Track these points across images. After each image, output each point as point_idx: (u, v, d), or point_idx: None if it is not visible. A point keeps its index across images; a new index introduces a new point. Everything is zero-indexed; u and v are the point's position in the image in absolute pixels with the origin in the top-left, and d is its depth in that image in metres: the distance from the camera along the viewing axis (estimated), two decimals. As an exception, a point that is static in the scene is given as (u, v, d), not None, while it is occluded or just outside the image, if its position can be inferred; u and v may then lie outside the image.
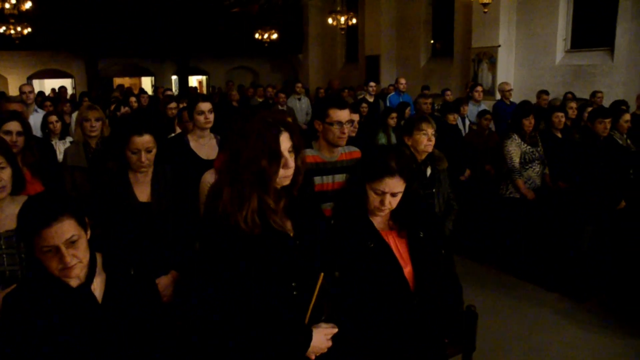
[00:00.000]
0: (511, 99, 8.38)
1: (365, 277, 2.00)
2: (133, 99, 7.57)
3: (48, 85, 16.12)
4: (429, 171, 3.53)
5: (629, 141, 5.31)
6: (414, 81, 11.86)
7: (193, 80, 19.50)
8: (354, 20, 12.85)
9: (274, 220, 1.74)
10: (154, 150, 2.76)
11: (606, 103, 7.12)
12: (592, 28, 9.54)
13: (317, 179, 3.03)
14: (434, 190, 3.51)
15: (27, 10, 10.13)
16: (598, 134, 4.89)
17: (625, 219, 4.79)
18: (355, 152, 3.17)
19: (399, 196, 2.03)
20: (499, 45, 10.38)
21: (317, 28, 16.54)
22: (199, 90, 17.91)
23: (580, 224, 4.82)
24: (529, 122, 5.07)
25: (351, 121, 3.28)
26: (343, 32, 13.67)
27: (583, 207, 4.79)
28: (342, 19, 12.53)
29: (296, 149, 1.75)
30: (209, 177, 2.87)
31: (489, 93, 9.75)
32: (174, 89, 17.47)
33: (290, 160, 1.72)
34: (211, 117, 3.68)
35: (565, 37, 9.89)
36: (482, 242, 5.70)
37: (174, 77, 18.25)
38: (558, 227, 5.03)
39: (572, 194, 4.99)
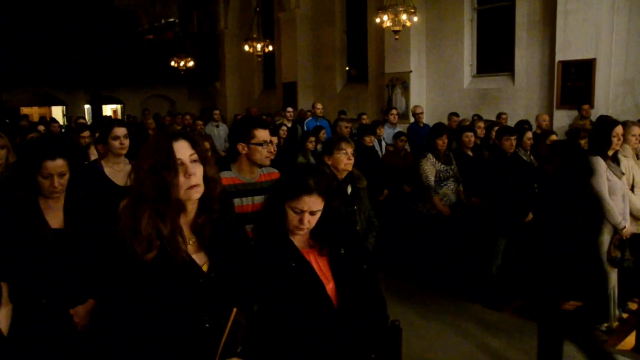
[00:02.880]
0: (424, 121, 8.75)
1: (287, 297, 1.95)
2: (42, 127, 7.06)
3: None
4: (349, 189, 3.58)
5: (532, 157, 5.65)
6: (330, 106, 12.11)
7: (107, 109, 18.78)
8: (270, 48, 12.94)
9: (177, 245, 1.65)
10: (67, 175, 2.65)
11: (510, 123, 7.58)
12: (495, 55, 10.23)
13: (237, 201, 2.99)
14: (355, 207, 3.56)
15: None
16: (505, 150, 5.17)
17: (534, 230, 5.06)
18: (274, 173, 3.16)
19: (318, 214, 2.01)
20: (411, 71, 10.83)
21: (233, 56, 16.52)
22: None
23: (493, 237, 5.04)
24: (442, 142, 5.29)
25: (271, 142, 3.30)
26: (260, 60, 13.73)
27: (495, 221, 5.01)
28: (259, 47, 12.58)
29: (203, 159, 1.69)
30: None
31: (403, 116, 10.11)
32: (87, 118, 16.73)
33: (192, 168, 1.64)
34: (126, 142, 3.55)
35: (472, 63, 10.50)
36: (402, 259, 5.81)
37: (87, 106, 17.50)
38: (474, 241, 5.23)
39: (485, 209, 5.22)
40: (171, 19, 16.42)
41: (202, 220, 1.72)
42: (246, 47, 12.76)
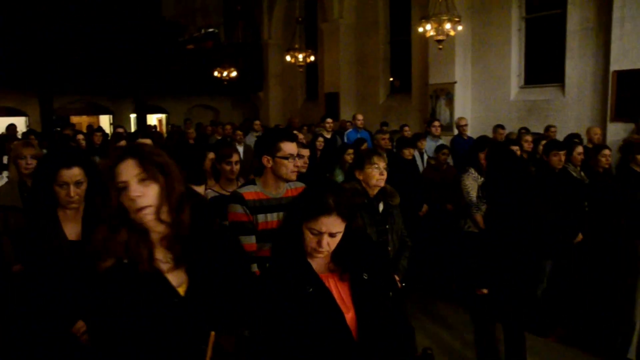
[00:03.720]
0: (468, 134, 8.44)
1: (302, 326, 1.79)
2: (81, 136, 7.06)
3: (2, 123, 15.54)
4: (381, 207, 3.37)
5: (582, 174, 5.31)
6: (373, 117, 11.90)
7: (153, 119, 19.19)
8: (312, 58, 12.89)
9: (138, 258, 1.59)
10: (85, 185, 2.58)
11: (559, 137, 7.21)
12: (544, 65, 9.83)
13: (261, 217, 2.86)
14: (387, 226, 3.34)
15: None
16: (553, 166, 4.87)
17: (583, 252, 4.74)
18: (301, 187, 3.00)
19: (338, 236, 1.84)
20: (455, 82, 10.53)
21: (277, 66, 16.57)
22: (158, 129, 17.61)
23: (539, 259, 4.74)
24: (485, 156, 5.02)
25: (301, 156, 3.17)
26: (302, 70, 13.70)
27: (541, 241, 4.71)
28: (300, 57, 12.56)
29: (157, 175, 1.59)
30: None
31: (447, 128, 9.82)
32: (133, 127, 17.11)
33: (138, 189, 1.55)
34: None
35: (519, 74, 10.13)
36: (441, 280, 5.56)
37: (133, 116, 17.93)
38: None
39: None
40: (211, 29, 16.62)
41: (168, 236, 1.63)
42: (288, 58, 12.76)
